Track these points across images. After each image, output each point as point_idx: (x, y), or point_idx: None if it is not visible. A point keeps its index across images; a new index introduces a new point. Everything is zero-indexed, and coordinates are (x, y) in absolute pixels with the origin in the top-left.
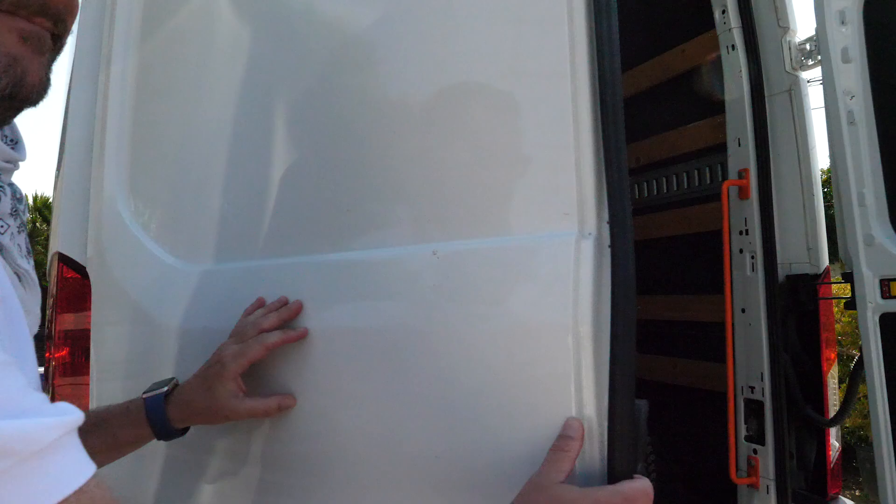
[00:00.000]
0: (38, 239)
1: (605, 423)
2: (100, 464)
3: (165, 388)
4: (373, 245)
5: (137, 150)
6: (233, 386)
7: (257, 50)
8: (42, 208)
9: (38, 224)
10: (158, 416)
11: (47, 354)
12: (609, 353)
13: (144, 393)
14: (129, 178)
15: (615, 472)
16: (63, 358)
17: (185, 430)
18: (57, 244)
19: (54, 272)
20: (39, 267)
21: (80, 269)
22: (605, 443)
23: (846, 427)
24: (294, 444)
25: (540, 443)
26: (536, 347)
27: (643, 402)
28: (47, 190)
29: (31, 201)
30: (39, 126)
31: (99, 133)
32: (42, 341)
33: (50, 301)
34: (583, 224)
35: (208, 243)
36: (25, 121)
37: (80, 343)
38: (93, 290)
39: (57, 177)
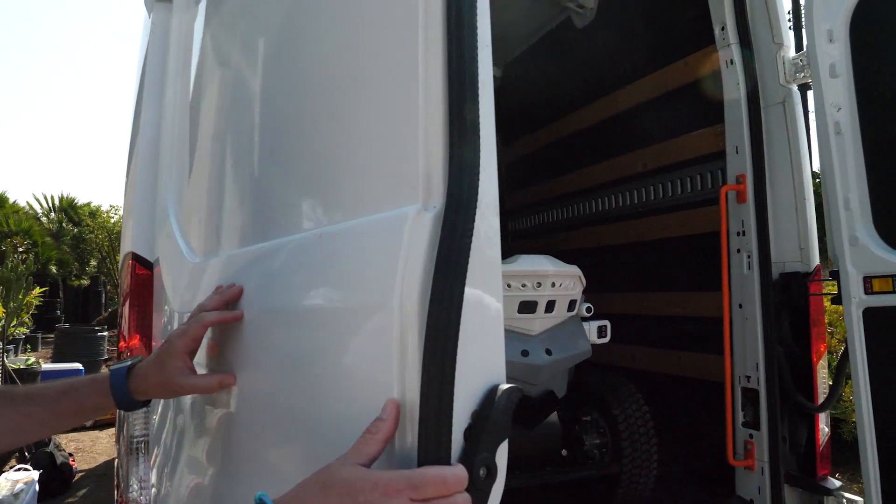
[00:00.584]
0: (63, 239)
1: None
2: (67, 425)
3: (129, 363)
4: (286, 233)
5: (182, 162)
6: (179, 363)
7: (239, 79)
8: (68, 209)
9: (63, 224)
10: (120, 387)
11: (121, 344)
12: (424, 332)
13: (112, 366)
14: (177, 185)
15: (421, 456)
16: (135, 346)
17: (147, 402)
18: (129, 245)
19: (126, 269)
20: (64, 266)
21: (151, 267)
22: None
23: (853, 421)
24: (221, 412)
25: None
26: (371, 327)
27: (510, 388)
28: (73, 191)
29: (56, 202)
30: (58, 130)
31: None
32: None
33: (122, 296)
34: (427, 198)
35: (200, 239)
36: (44, 124)
37: (148, 332)
38: (154, 285)
39: (126, 183)
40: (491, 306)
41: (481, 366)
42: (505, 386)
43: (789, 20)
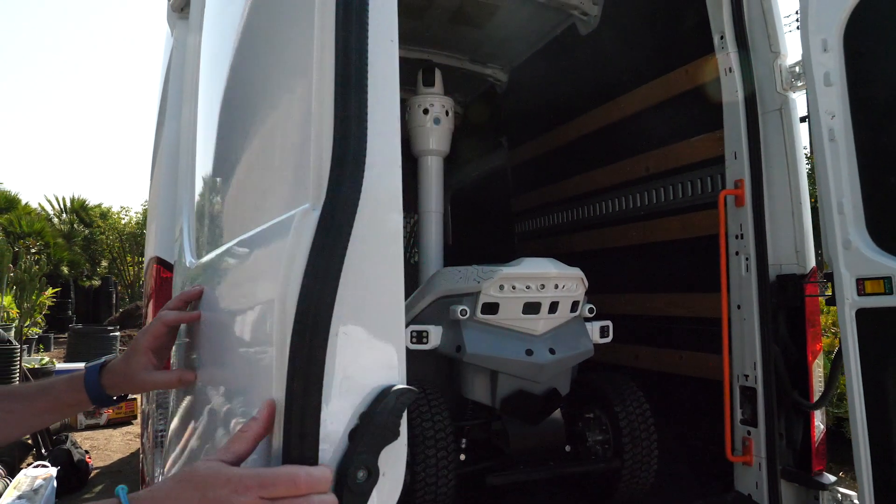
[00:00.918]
0: (75, 240)
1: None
2: (47, 421)
3: (103, 360)
4: (228, 239)
5: (191, 170)
6: (143, 359)
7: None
8: (79, 210)
9: (75, 225)
10: (93, 383)
11: None
12: (293, 331)
13: (87, 364)
14: (188, 192)
15: (286, 455)
16: None
17: (123, 397)
18: (153, 249)
19: (151, 272)
20: (75, 267)
21: (173, 270)
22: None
23: None
24: (188, 404)
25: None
26: (262, 328)
27: (401, 390)
28: (84, 193)
29: (67, 203)
30: (70, 132)
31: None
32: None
33: (146, 297)
34: (317, 198)
35: (193, 244)
36: (56, 126)
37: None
38: (173, 288)
39: (150, 189)
40: (387, 307)
41: (372, 366)
42: (399, 387)
43: (796, 21)
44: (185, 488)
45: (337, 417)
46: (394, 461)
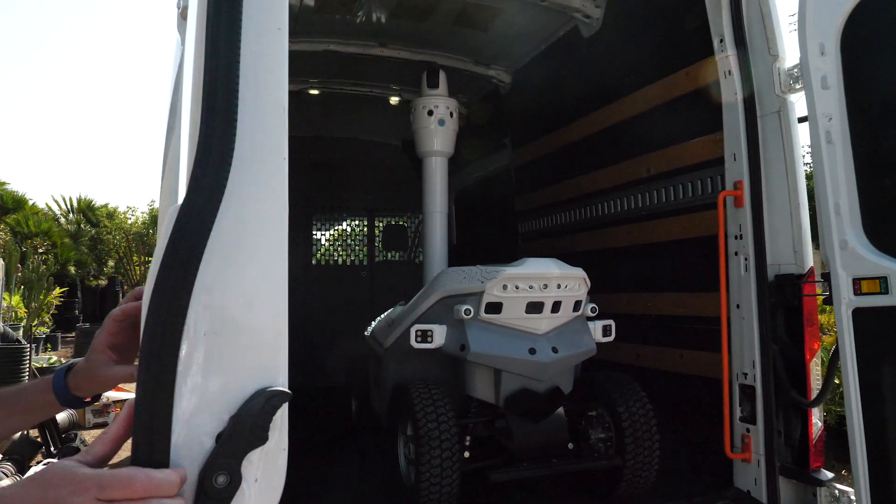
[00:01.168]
0: (82, 240)
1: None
2: (23, 423)
3: (71, 362)
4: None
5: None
6: (103, 357)
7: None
8: (86, 210)
9: (82, 225)
10: (60, 385)
11: None
12: (144, 328)
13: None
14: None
15: (133, 457)
16: None
17: (96, 398)
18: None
19: None
20: (82, 267)
21: None
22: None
23: None
24: None
25: None
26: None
27: (271, 393)
28: (90, 193)
29: (74, 203)
30: (76, 133)
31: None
32: None
33: None
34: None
35: None
36: (63, 127)
37: None
38: None
39: (161, 190)
40: (264, 307)
41: (247, 367)
42: (271, 389)
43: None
44: (30, 487)
45: (202, 419)
46: (270, 468)
